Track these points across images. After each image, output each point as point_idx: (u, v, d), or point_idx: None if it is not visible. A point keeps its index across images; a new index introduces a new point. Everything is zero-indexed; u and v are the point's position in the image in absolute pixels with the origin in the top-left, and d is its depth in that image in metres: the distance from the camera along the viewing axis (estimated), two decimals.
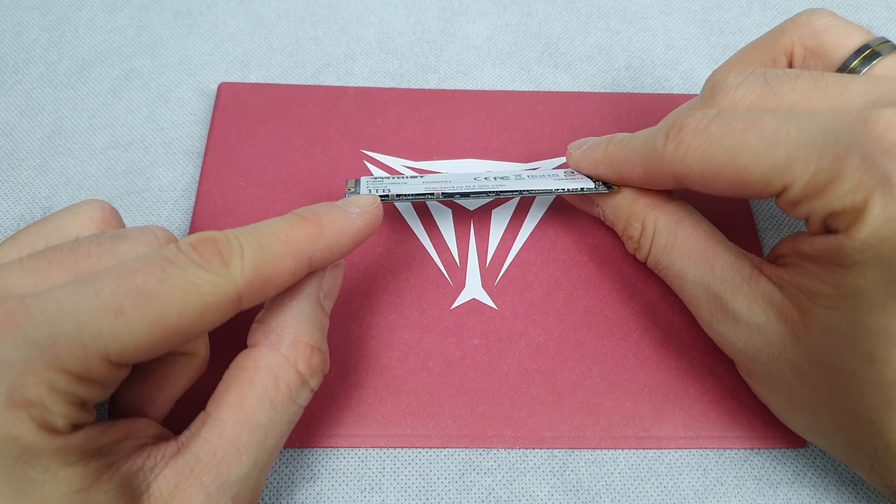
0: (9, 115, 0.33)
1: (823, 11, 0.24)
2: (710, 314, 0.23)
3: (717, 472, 0.25)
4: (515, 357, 0.27)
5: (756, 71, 0.23)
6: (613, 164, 0.25)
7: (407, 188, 0.26)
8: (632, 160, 0.24)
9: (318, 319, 0.22)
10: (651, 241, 0.25)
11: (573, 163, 0.27)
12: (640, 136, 0.24)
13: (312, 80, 0.35)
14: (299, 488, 0.25)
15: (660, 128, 0.23)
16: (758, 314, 0.22)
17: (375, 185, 0.26)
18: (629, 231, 0.26)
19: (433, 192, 0.26)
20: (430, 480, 0.25)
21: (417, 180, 0.27)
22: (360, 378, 0.26)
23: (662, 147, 0.22)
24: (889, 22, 0.37)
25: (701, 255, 0.23)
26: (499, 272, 0.29)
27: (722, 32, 0.37)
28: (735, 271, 0.23)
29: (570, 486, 0.25)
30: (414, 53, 0.36)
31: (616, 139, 0.25)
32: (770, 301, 0.21)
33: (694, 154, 0.21)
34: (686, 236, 0.24)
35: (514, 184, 0.26)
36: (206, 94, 0.34)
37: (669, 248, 0.24)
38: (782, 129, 0.19)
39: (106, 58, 0.35)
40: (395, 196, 0.25)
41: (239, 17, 0.37)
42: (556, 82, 0.35)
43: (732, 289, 0.22)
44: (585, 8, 0.38)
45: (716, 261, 0.23)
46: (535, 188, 0.26)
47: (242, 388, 0.20)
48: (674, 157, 0.22)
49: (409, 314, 0.28)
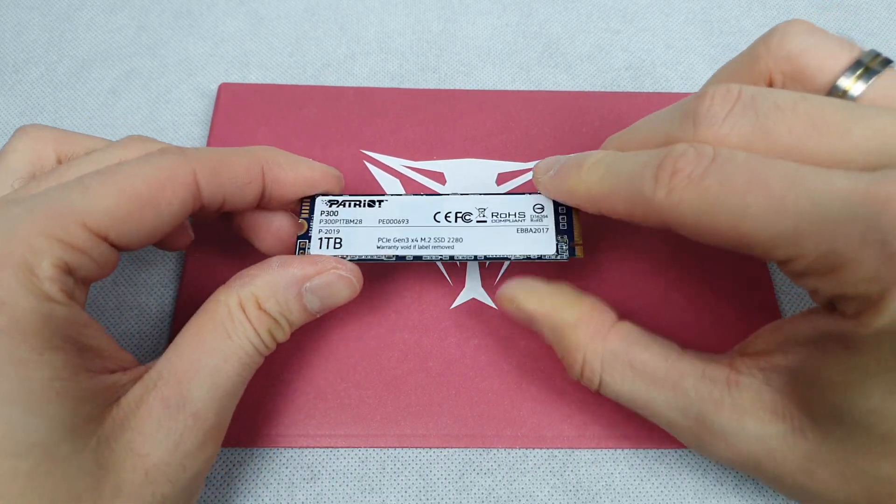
0: (9, 115, 0.33)
1: (797, 26, 0.22)
2: (694, 437, 0.21)
3: (718, 472, 0.25)
4: (515, 357, 0.27)
5: (744, 98, 0.20)
6: (591, 198, 0.22)
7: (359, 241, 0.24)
8: (612, 196, 0.21)
9: (286, 296, 0.22)
10: (599, 373, 0.22)
11: (542, 188, 0.24)
12: (621, 168, 0.21)
13: (312, 80, 0.35)
14: (299, 488, 0.25)
15: (647, 165, 0.20)
16: (750, 424, 0.19)
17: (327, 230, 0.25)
18: (568, 360, 0.23)
19: (382, 255, 0.24)
20: (429, 480, 0.25)
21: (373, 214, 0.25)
22: (360, 378, 0.26)
23: (651, 192, 0.19)
24: (889, 22, 0.37)
25: (664, 378, 0.21)
26: (498, 272, 0.29)
27: (722, 32, 0.37)
28: (709, 384, 0.20)
29: (570, 486, 0.25)
30: (414, 53, 0.36)
31: (590, 163, 0.22)
32: (759, 404, 0.19)
33: (688, 205, 0.19)
34: (642, 363, 0.21)
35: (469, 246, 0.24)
36: (207, 95, 0.34)
37: (628, 379, 0.21)
38: (790, 196, 0.17)
39: (106, 58, 0.35)
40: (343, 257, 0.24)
41: (239, 17, 0.37)
42: (556, 82, 0.35)
43: (713, 405, 0.20)
44: (585, 8, 0.38)
45: (684, 381, 0.20)
46: (493, 253, 0.24)
47: (203, 318, 0.21)
48: (664, 205, 0.19)
49: (409, 314, 0.28)
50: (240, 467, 0.25)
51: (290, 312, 0.22)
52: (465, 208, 0.25)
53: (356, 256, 0.24)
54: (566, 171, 0.23)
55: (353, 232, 0.25)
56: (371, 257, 0.24)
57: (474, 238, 0.24)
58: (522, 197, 0.25)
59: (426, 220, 0.25)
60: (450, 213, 0.25)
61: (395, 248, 0.24)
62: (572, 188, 0.22)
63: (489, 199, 0.25)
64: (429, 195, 0.25)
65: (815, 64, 0.21)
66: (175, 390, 0.20)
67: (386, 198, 0.25)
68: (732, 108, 0.20)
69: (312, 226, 0.25)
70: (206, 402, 0.20)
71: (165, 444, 0.19)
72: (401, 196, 0.25)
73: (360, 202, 0.25)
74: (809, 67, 0.21)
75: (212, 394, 0.20)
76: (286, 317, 0.22)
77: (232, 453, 0.25)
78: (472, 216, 0.25)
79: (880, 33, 0.37)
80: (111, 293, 0.28)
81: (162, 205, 0.20)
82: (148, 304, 0.28)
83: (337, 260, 0.23)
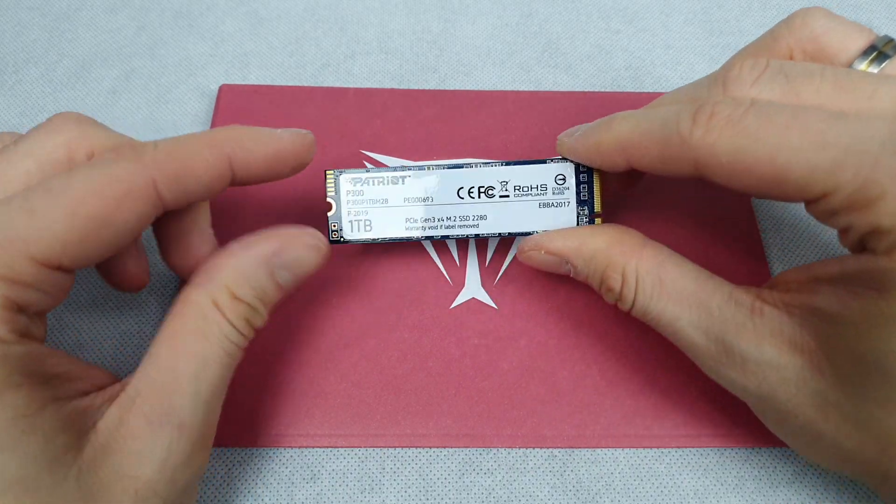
0: (9, 115, 0.33)
1: (818, 11, 0.23)
2: (713, 360, 0.21)
3: (718, 472, 0.25)
4: (515, 356, 0.27)
5: (773, 64, 0.21)
6: (621, 145, 0.22)
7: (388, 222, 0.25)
8: (644, 141, 0.21)
9: (257, 278, 0.21)
10: (634, 290, 0.22)
11: (566, 151, 0.25)
12: (655, 115, 0.21)
13: (312, 80, 0.35)
14: (299, 488, 0.25)
15: (682, 109, 0.20)
16: (768, 351, 0.20)
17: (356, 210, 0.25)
18: (608, 283, 0.23)
19: (412, 236, 0.25)
20: (430, 480, 0.25)
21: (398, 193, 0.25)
22: (359, 378, 0.26)
23: (688, 131, 0.20)
24: (889, 22, 0.37)
25: (692, 296, 0.21)
26: (498, 271, 0.29)
27: (722, 32, 0.37)
28: (734, 308, 0.21)
29: (570, 485, 0.25)
30: (414, 53, 0.36)
31: (620, 117, 0.22)
32: (780, 334, 0.20)
33: (725, 144, 0.19)
34: (673, 279, 0.22)
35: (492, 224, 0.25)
36: (207, 95, 0.34)
37: (657, 295, 0.22)
38: (832, 131, 0.18)
39: (106, 58, 0.35)
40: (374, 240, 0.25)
41: (239, 17, 0.37)
42: (556, 82, 0.35)
43: (735, 327, 0.20)
44: (585, 8, 0.38)
45: (711, 300, 0.21)
46: (516, 230, 0.25)
47: (174, 322, 0.20)
48: (701, 144, 0.20)
49: (409, 314, 0.28)
50: (240, 467, 0.25)
51: (265, 294, 0.21)
52: (487, 182, 0.25)
53: (387, 238, 0.25)
54: (595, 128, 0.23)
55: (381, 213, 0.25)
56: (401, 239, 0.25)
57: (497, 215, 0.25)
58: (544, 165, 0.25)
59: (450, 197, 0.25)
60: (472, 189, 0.25)
61: (422, 229, 0.25)
62: (600, 140, 0.23)
63: (511, 169, 0.25)
64: (451, 167, 0.25)
65: (835, 44, 0.22)
66: (156, 404, 0.19)
67: (409, 173, 0.25)
68: (762, 74, 0.20)
69: (342, 208, 0.25)
70: (190, 411, 0.19)
71: (152, 461, 0.18)
72: (424, 171, 0.25)
73: (384, 179, 0.25)
74: (830, 47, 0.22)
75: (195, 402, 0.19)
76: (261, 299, 0.21)
77: (232, 453, 0.25)
78: (495, 190, 0.25)
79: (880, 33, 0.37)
80: (111, 293, 0.28)
81: (118, 222, 0.19)
82: (147, 304, 0.28)
83: (298, 227, 0.22)
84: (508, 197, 0.25)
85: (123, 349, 0.27)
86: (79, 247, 0.18)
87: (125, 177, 0.19)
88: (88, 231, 0.18)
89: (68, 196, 0.18)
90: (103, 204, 0.18)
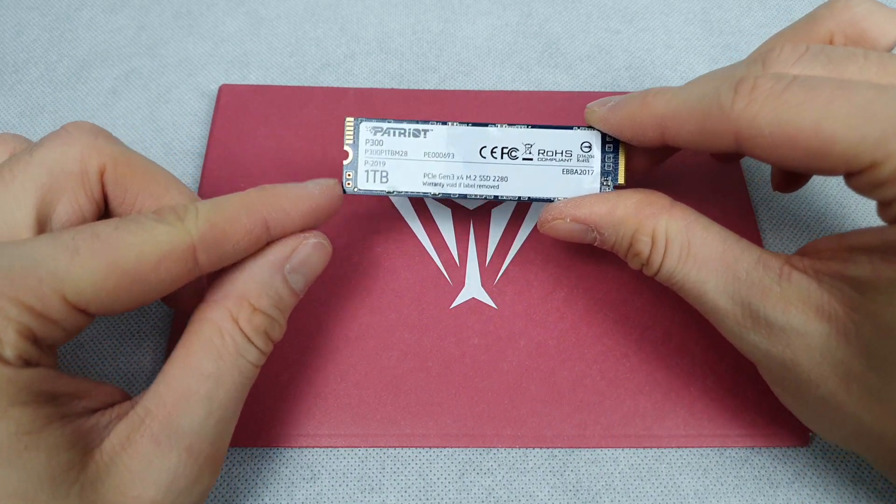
0: (9, 115, 0.33)
1: None
2: (737, 325, 0.21)
3: (718, 472, 0.25)
4: (515, 356, 0.27)
5: (814, 48, 0.20)
6: (657, 118, 0.22)
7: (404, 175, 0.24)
8: (682, 114, 0.21)
9: (274, 286, 0.21)
10: (663, 253, 0.22)
11: (597, 120, 0.24)
12: (692, 89, 0.21)
13: (312, 80, 0.35)
14: (299, 488, 0.25)
15: (722, 83, 0.20)
16: (795, 316, 0.20)
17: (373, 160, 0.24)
18: (637, 247, 0.23)
19: (428, 192, 0.24)
20: (430, 480, 0.25)
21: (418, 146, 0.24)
22: (359, 378, 0.26)
23: (730, 103, 0.20)
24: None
25: (719, 259, 0.21)
26: (498, 271, 0.29)
27: (722, 32, 0.37)
28: (762, 272, 0.20)
29: (570, 485, 0.25)
30: (414, 53, 0.36)
31: (655, 91, 0.22)
32: (807, 300, 0.20)
33: (768, 114, 0.19)
34: (700, 242, 0.22)
35: (513, 186, 0.25)
36: (207, 95, 0.34)
37: (684, 257, 0.22)
38: (880, 101, 0.18)
39: (106, 58, 0.35)
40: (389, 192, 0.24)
41: (239, 17, 0.37)
42: (556, 82, 0.35)
43: (762, 292, 0.20)
44: (585, 8, 0.38)
45: (738, 264, 0.21)
46: (537, 195, 0.25)
47: (189, 340, 0.20)
48: (743, 115, 0.19)
49: (409, 313, 0.28)
50: (240, 467, 0.25)
51: (282, 301, 0.21)
52: (512, 143, 0.25)
53: (402, 192, 0.24)
54: (628, 99, 0.23)
55: (399, 165, 0.24)
56: (417, 193, 0.24)
57: (519, 177, 0.24)
58: (571, 132, 0.25)
59: (472, 156, 0.25)
60: (496, 149, 0.25)
61: (440, 186, 0.24)
62: (633, 112, 0.22)
63: (537, 133, 0.25)
64: (476, 125, 0.25)
65: (876, 29, 0.22)
66: (165, 425, 0.19)
67: (431, 127, 0.25)
68: (803, 55, 0.20)
69: (359, 156, 0.24)
70: (200, 432, 0.19)
71: (157, 483, 0.18)
72: (447, 126, 0.25)
73: (405, 131, 0.24)
74: (871, 31, 0.22)
75: (205, 423, 0.19)
76: (279, 307, 0.21)
77: (232, 453, 0.25)
78: (519, 152, 0.25)
79: None
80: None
81: (152, 282, 0.19)
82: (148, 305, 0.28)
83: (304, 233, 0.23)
84: (532, 160, 0.24)
85: (123, 348, 0.27)
86: (109, 296, 0.18)
87: (167, 240, 0.19)
88: (122, 284, 0.18)
89: (112, 246, 0.18)
90: (143, 263, 0.18)
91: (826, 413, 0.20)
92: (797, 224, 0.31)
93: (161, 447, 0.18)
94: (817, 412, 0.21)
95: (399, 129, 0.24)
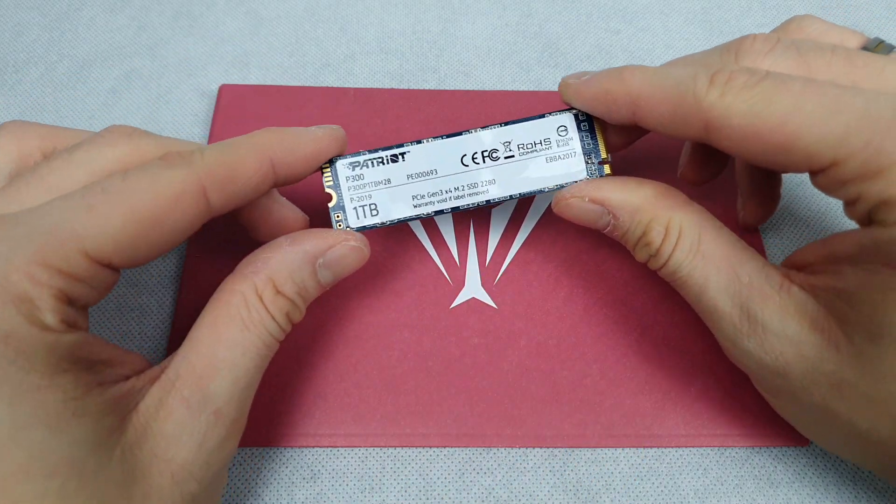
0: (9, 115, 0.33)
1: (812, 17, 0.24)
2: (733, 327, 0.21)
3: (718, 472, 0.25)
4: (515, 356, 0.27)
5: (784, 41, 0.21)
6: (631, 96, 0.22)
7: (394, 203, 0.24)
8: (657, 96, 0.21)
9: (301, 275, 0.22)
10: (675, 245, 0.22)
11: (571, 92, 0.24)
12: (668, 73, 0.21)
13: (312, 80, 0.35)
14: (299, 488, 0.25)
15: (698, 71, 0.20)
16: (791, 325, 0.20)
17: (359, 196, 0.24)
18: (650, 236, 0.23)
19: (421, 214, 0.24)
20: (430, 480, 0.25)
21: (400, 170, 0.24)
22: (359, 378, 0.26)
23: (704, 92, 0.20)
24: (889, 22, 0.37)
25: (725, 260, 0.21)
26: (498, 271, 0.29)
27: (722, 32, 0.37)
28: (764, 279, 0.21)
29: (570, 485, 0.25)
30: (414, 53, 0.36)
31: (632, 68, 0.22)
32: (803, 312, 0.20)
33: (739, 106, 0.19)
34: (710, 240, 0.22)
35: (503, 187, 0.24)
36: (207, 95, 0.34)
37: (693, 252, 0.22)
38: (846, 99, 0.18)
39: (106, 58, 0.35)
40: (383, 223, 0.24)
41: (239, 17, 0.37)
42: (555, 82, 0.35)
43: (762, 297, 0.21)
44: (585, 8, 0.38)
45: (742, 268, 0.21)
46: (528, 189, 0.24)
47: (217, 310, 0.21)
48: (716, 105, 0.20)
49: (409, 313, 0.28)
50: (240, 467, 0.25)
51: (306, 290, 0.22)
52: (490, 145, 0.24)
53: (394, 220, 0.24)
54: (604, 74, 0.23)
55: (386, 194, 0.24)
56: (410, 217, 0.24)
57: (506, 176, 0.24)
58: (543, 120, 0.25)
59: (455, 167, 0.24)
60: (476, 154, 0.24)
61: (431, 204, 0.24)
62: (609, 88, 0.22)
63: (511, 129, 0.24)
64: (450, 136, 0.24)
65: None
66: (195, 389, 0.19)
67: (408, 149, 0.24)
68: (774, 47, 0.21)
69: (343, 195, 0.24)
70: (227, 398, 0.20)
71: (189, 444, 0.19)
72: (423, 143, 0.24)
73: (382, 159, 0.24)
74: None
75: (232, 389, 0.20)
76: (302, 296, 0.22)
77: None
78: (499, 152, 0.24)
79: (880, 32, 0.37)
80: (111, 293, 0.28)
81: (168, 225, 0.19)
82: (148, 305, 0.28)
83: (347, 232, 0.23)
84: (514, 157, 0.24)
85: None
86: (129, 246, 0.19)
87: (176, 182, 0.19)
88: (140, 232, 0.19)
89: (124, 197, 0.19)
90: (156, 207, 0.19)
91: (820, 419, 0.21)
92: (797, 224, 0.31)
93: (191, 410, 0.19)
94: (812, 419, 0.21)
95: (376, 158, 0.24)
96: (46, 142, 0.23)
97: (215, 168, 0.20)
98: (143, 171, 0.19)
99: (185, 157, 0.20)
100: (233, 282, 0.21)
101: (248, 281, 0.21)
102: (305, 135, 0.23)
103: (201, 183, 0.20)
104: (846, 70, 0.20)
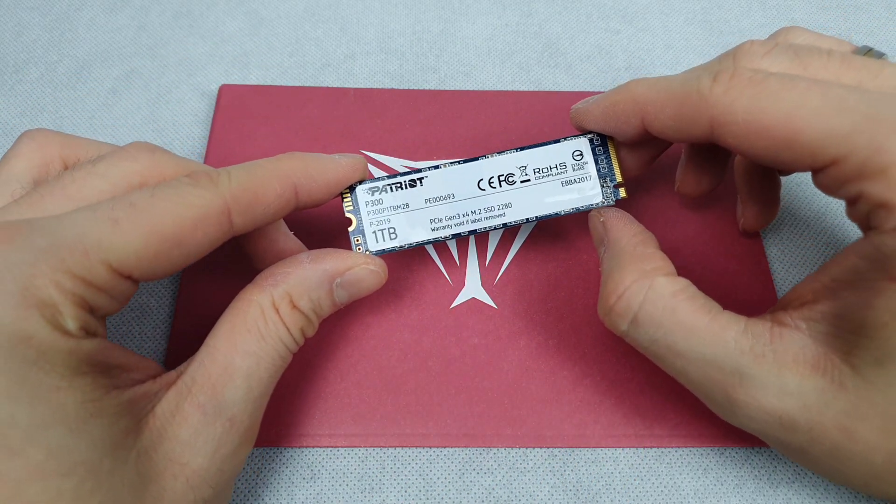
0: (9, 115, 0.33)
1: (799, 28, 0.24)
2: (725, 398, 0.20)
3: (718, 472, 0.25)
4: (515, 356, 0.27)
5: (782, 44, 0.21)
6: (637, 103, 0.22)
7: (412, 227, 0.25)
8: (661, 100, 0.21)
9: (318, 293, 0.22)
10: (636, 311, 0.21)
11: (581, 115, 0.25)
12: (673, 78, 0.22)
13: (312, 80, 0.35)
14: (299, 488, 0.25)
15: (703, 72, 0.21)
16: (789, 378, 0.19)
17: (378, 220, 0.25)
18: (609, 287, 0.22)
19: (440, 237, 0.25)
20: (430, 480, 0.25)
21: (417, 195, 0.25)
22: (359, 378, 0.26)
23: (708, 88, 0.20)
24: (889, 23, 0.37)
25: (706, 329, 0.20)
26: (498, 271, 0.29)
27: (722, 32, 0.37)
28: (752, 338, 0.20)
29: (570, 485, 0.25)
30: (414, 53, 0.36)
31: (637, 80, 0.23)
32: (801, 357, 0.19)
33: (744, 101, 0.19)
34: (688, 311, 0.21)
35: (519, 210, 0.25)
36: (207, 95, 0.34)
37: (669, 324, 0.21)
38: (851, 97, 0.18)
39: (106, 58, 0.35)
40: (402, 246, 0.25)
41: (239, 17, 0.37)
42: (556, 82, 0.35)
43: (754, 359, 0.19)
44: (585, 8, 0.38)
45: (725, 333, 0.20)
46: (544, 213, 0.25)
47: (235, 319, 0.21)
48: (720, 101, 0.20)
49: (409, 313, 0.28)
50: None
51: (321, 308, 0.23)
52: (506, 169, 0.25)
53: (413, 243, 0.25)
54: (610, 91, 0.24)
55: (404, 218, 0.25)
56: (429, 241, 0.25)
57: (522, 200, 0.25)
58: (559, 145, 0.25)
59: (472, 191, 0.25)
60: (493, 178, 0.25)
61: (448, 228, 0.25)
62: (616, 100, 0.23)
63: (527, 153, 0.25)
64: (467, 161, 0.25)
65: None
66: (210, 396, 0.20)
67: (426, 174, 0.25)
68: (772, 50, 0.21)
69: (362, 220, 0.25)
70: (242, 406, 0.20)
71: (204, 450, 0.19)
72: (440, 169, 0.25)
73: (401, 184, 0.25)
74: None
75: (247, 397, 0.20)
76: (316, 313, 0.22)
77: None
78: (515, 177, 0.25)
79: (880, 33, 0.37)
80: None
81: (191, 243, 0.20)
82: (148, 305, 0.28)
83: (367, 256, 0.24)
84: (530, 181, 0.25)
85: None
86: (151, 261, 0.19)
87: (202, 203, 0.20)
88: (162, 248, 0.19)
89: (151, 214, 0.19)
90: (182, 226, 0.19)
91: (837, 464, 0.20)
92: (798, 227, 0.31)
93: (207, 416, 0.19)
94: (829, 465, 0.20)
95: (395, 183, 0.25)
96: (67, 150, 0.23)
97: (241, 191, 0.21)
98: (171, 188, 0.20)
99: (213, 178, 0.20)
100: (251, 292, 0.22)
101: (266, 293, 0.21)
102: (329, 162, 0.23)
103: (227, 205, 0.20)
104: (843, 72, 0.20)
